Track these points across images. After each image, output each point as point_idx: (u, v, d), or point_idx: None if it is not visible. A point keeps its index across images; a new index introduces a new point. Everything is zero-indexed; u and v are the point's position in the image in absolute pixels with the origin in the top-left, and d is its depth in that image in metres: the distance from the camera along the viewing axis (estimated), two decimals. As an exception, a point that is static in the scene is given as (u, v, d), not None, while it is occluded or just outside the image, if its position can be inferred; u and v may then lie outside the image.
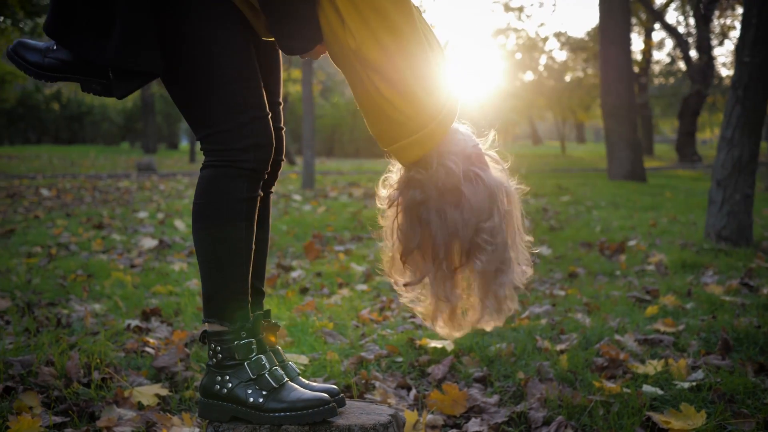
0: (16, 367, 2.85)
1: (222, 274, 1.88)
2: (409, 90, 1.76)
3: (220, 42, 1.82)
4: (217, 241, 1.87)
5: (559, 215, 8.80)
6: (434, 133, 1.80)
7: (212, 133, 1.85)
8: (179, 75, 1.85)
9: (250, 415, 1.87)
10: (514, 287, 1.88)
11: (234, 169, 1.85)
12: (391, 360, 3.17)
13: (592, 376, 2.94)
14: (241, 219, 1.87)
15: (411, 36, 1.76)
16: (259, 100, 1.88)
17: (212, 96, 1.83)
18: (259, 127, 1.87)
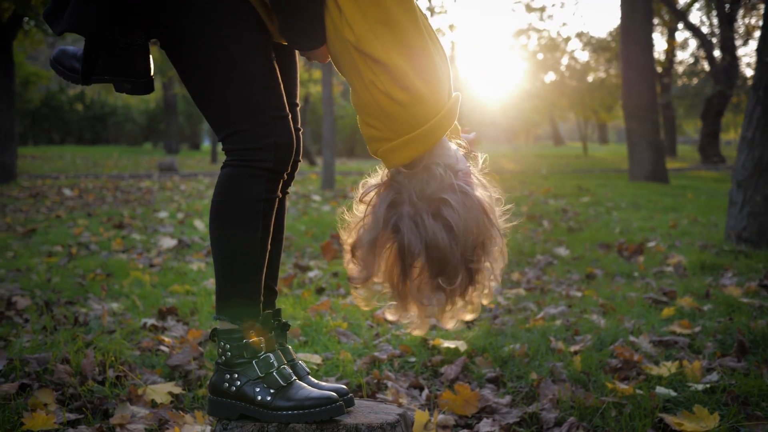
0: (33, 364, 2.88)
1: (235, 273, 1.90)
2: (409, 83, 1.73)
3: (240, 42, 1.84)
4: (233, 239, 1.88)
5: (578, 216, 8.76)
6: (430, 134, 1.77)
7: (232, 132, 1.87)
8: (199, 75, 1.87)
9: (258, 413, 1.88)
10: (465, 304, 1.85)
11: (253, 169, 1.86)
12: (404, 360, 3.17)
13: (605, 378, 2.93)
14: (258, 219, 1.88)
15: (411, 30, 1.76)
16: (278, 100, 1.89)
17: (232, 96, 1.85)
18: (279, 127, 1.88)
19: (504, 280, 5.17)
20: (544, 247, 6.41)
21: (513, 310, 4.20)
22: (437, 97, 1.78)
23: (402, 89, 1.73)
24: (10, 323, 3.77)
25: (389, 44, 1.73)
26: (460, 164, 1.85)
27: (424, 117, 1.76)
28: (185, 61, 1.87)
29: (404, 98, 1.73)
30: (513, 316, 3.96)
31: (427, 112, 1.76)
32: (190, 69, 1.87)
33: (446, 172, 1.80)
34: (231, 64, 1.84)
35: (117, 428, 2.43)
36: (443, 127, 1.80)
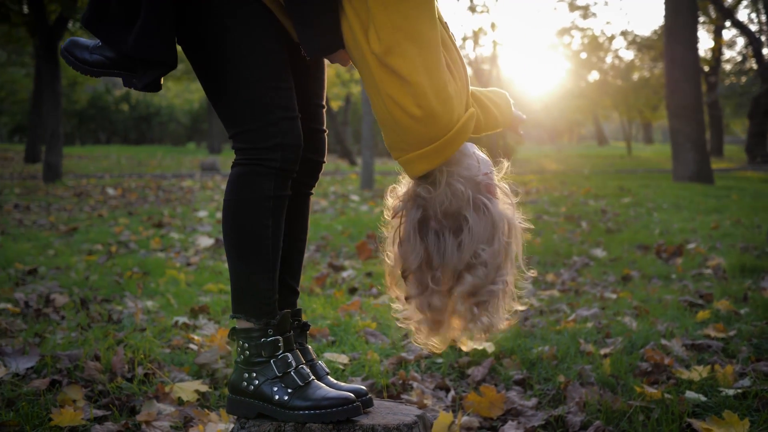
0: (64, 361, 2.93)
1: (248, 271, 1.91)
2: (426, 103, 1.74)
3: (251, 42, 1.85)
4: (243, 237, 1.90)
5: (618, 217, 8.66)
6: (444, 149, 1.80)
7: (241, 131, 1.89)
8: (211, 74, 1.89)
9: (275, 412, 1.89)
10: (495, 320, 1.87)
11: (261, 167, 1.88)
12: (431, 361, 3.17)
13: (635, 381, 2.89)
14: (268, 217, 1.89)
15: (434, 47, 1.76)
16: (287, 101, 1.90)
17: (241, 95, 1.87)
18: (287, 128, 1.89)
19: (538, 281, 5.13)
20: (580, 248, 6.35)
21: (545, 312, 4.16)
22: (450, 116, 1.79)
23: (418, 107, 1.75)
24: (47, 320, 3.84)
25: (415, 62, 1.74)
26: (480, 174, 1.87)
27: (436, 134, 1.79)
28: (199, 60, 1.89)
29: (419, 115, 1.75)
30: (544, 318, 3.92)
31: (439, 129, 1.79)
32: (203, 68, 1.89)
33: (467, 187, 1.82)
34: (242, 65, 1.85)
35: (143, 425, 2.46)
36: (456, 143, 1.82)
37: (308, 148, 2.05)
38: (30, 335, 3.46)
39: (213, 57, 1.88)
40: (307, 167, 2.07)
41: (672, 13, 15.12)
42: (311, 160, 2.08)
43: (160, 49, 1.80)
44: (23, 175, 16.18)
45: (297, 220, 2.09)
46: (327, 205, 10.12)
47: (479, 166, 1.88)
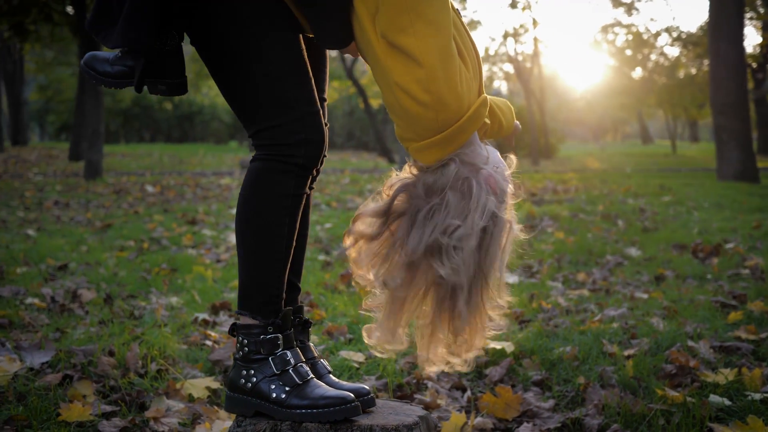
0: (79, 356, 2.93)
1: (258, 268, 1.88)
2: (435, 88, 1.69)
3: (270, 38, 1.82)
4: (258, 234, 1.87)
5: (656, 216, 8.48)
6: (456, 136, 1.75)
7: (263, 128, 1.85)
8: (230, 72, 1.85)
9: (272, 410, 1.85)
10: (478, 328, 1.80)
11: (283, 164, 1.85)
12: (449, 360, 3.10)
13: (657, 384, 2.80)
14: (285, 215, 1.86)
15: (446, 31, 1.71)
16: (309, 95, 1.87)
17: (263, 92, 1.84)
18: (311, 123, 1.86)
19: (569, 280, 5.03)
20: (615, 247, 6.22)
21: (572, 312, 4.07)
22: (460, 103, 1.74)
23: (426, 92, 1.70)
24: (72, 315, 3.86)
25: (428, 42, 1.69)
26: (486, 165, 1.80)
27: (445, 121, 1.73)
28: (216, 59, 1.86)
29: (428, 101, 1.70)
30: (569, 318, 3.84)
31: (449, 117, 1.73)
32: (222, 66, 1.86)
33: (461, 169, 1.74)
34: (262, 60, 1.82)
35: (151, 421, 2.44)
36: (467, 131, 1.77)
37: None
38: (51, 330, 3.48)
39: (229, 54, 1.84)
40: None
41: (716, 9, 14.81)
42: None
43: (143, 38, 1.76)
44: (66, 172, 16.42)
45: (300, 216, 2.05)
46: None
47: (488, 157, 1.82)
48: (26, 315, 3.72)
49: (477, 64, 1.83)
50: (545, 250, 6.11)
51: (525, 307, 4.08)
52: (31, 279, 4.82)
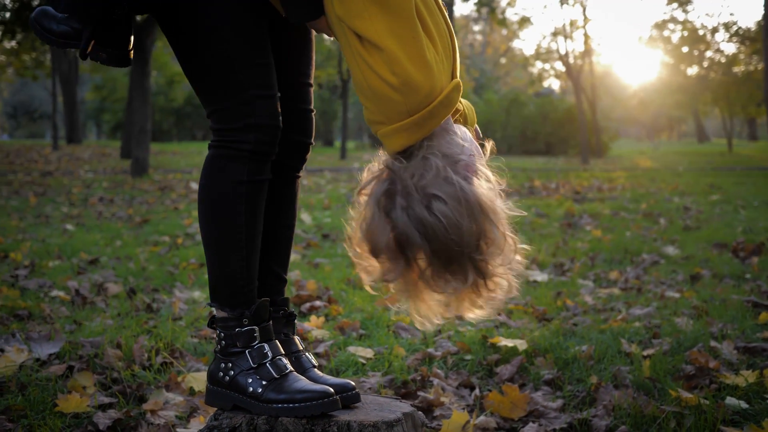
0: (86, 347, 2.94)
1: (221, 258, 1.84)
2: (401, 70, 1.63)
3: (225, 17, 1.77)
4: (215, 223, 1.83)
5: (700, 215, 8.26)
6: (425, 122, 1.68)
7: (215, 110, 1.82)
8: (185, 51, 1.82)
9: (249, 404, 1.81)
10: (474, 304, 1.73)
11: (232, 150, 1.80)
12: (460, 357, 3.04)
13: (672, 385, 2.69)
14: (240, 202, 1.81)
15: (404, 14, 1.64)
16: (264, 79, 1.81)
17: (213, 72, 1.79)
18: (261, 107, 1.80)
19: (600, 278, 4.91)
20: (652, 246, 6.06)
21: (598, 310, 3.96)
22: (431, 85, 1.66)
23: (393, 74, 1.64)
24: (93, 308, 3.88)
25: (380, 26, 1.63)
26: (463, 154, 1.73)
27: (416, 104, 1.66)
28: (172, 37, 1.82)
29: (395, 83, 1.64)
30: (591, 316, 3.73)
31: (420, 100, 1.66)
32: (178, 45, 1.82)
33: (444, 163, 1.67)
34: (214, 40, 1.77)
35: (147, 414, 2.42)
36: (438, 116, 1.70)
37: (294, 129, 1.96)
38: (68, 322, 3.50)
39: (186, 32, 1.80)
40: (293, 149, 1.98)
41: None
42: (297, 141, 1.99)
43: (91, 8, 1.73)
44: (115, 170, 16.68)
45: (282, 204, 2.00)
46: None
47: (464, 145, 1.74)
48: (47, 307, 3.75)
49: (450, 45, 1.76)
50: (580, 248, 5.98)
51: (548, 305, 3.98)
52: (62, 272, 4.88)
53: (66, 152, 23.58)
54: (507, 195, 1.78)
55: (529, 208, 8.72)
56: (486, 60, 46.70)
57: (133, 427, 2.35)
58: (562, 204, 9.23)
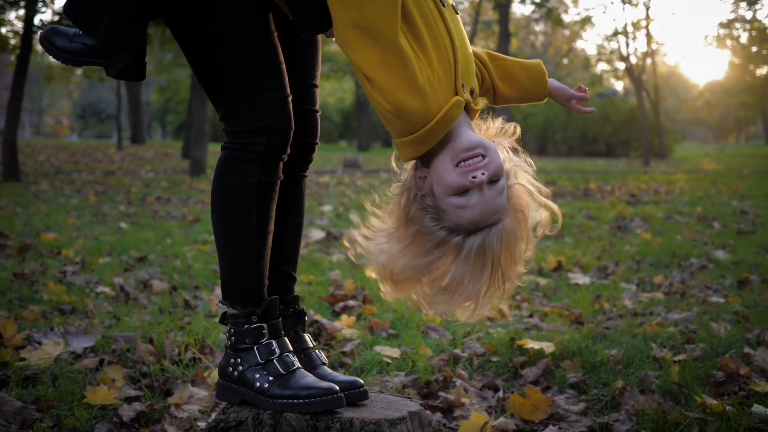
0: (119, 342, 3.02)
1: (232, 258, 1.88)
2: (393, 98, 1.71)
3: (235, 21, 1.81)
4: (227, 223, 1.87)
5: (757, 218, 8.05)
6: (425, 139, 1.76)
7: (227, 114, 1.86)
8: (197, 55, 1.86)
9: (255, 399, 1.85)
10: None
11: (246, 152, 1.84)
12: (486, 359, 3.03)
13: (699, 391, 2.65)
14: (252, 203, 1.85)
15: (390, 43, 1.68)
16: (276, 82, 1.85)
17: (226, 76, 1.83)
18: (274, 110, 1.84)
19: (644, 282, 4.84)
20: (702, 250, 5.94)
21: (638, 314, 3.90)
22: (425, 108, 1.73)
23: (386, 101, 1.72)
24: (135, 304, 3.98)
25: (370, 58, 1.69)
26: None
27: (413, 126, 1.75)
28: (185, 42, 1.87)
29: (391, 109, 1.73)
30: (627, 320, 3.68)
31: (416, 122, 1.75)
32: (190, 49, 1.87)
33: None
34: (227, 44, 1.81)
35: (172, 407, 2.49)
36: (438, 132, 1.77)
37: (300, 130, 1.99)
38: (109, 317, 3.60)
39: (198, 37, 1.85)
40: (300, 149, 2.02)
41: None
42: (303, 142, 2.02)
43: (130, 35, 1.79)
44: (175, 169, 17.01)
45: (290, 204, 2.04)
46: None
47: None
48: (90, 302, 3.86)
49: (451, 58, 1.78)
50: (627, 252, 5.90)
51: (585, 309, 3.94)
52: (110, 269, 5.01)
53: (129, 152, 24.13)
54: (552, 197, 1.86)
55: (580, 211, 8.63)
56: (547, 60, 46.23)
57: (157, 420, 2.41)
58: (614, 206, 9.10)
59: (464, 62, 1.83)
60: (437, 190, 1.79)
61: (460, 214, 1.76)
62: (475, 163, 1.75)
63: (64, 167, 17.32)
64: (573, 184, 13.14)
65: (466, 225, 1.77)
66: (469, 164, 1.75)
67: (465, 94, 1.81)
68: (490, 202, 1.76)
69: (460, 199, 1.76)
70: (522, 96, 2.08)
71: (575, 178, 14.78)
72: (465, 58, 1.84)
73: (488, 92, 2.05)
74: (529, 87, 2.06)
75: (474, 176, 1.74)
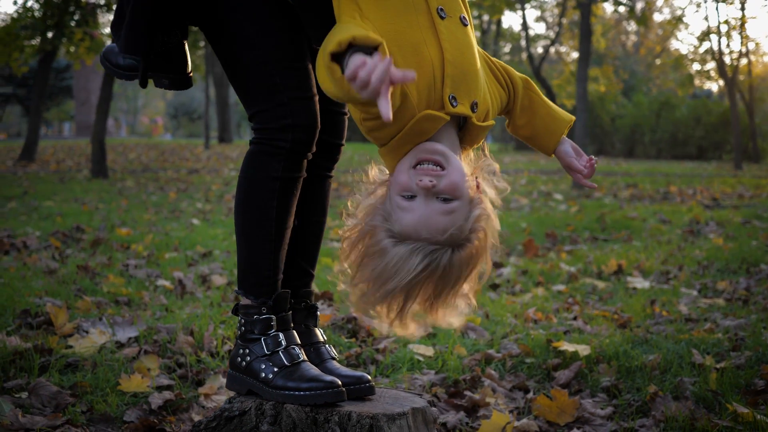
0: (162, 333, 3.12)
1: (250, 249, 1.94)
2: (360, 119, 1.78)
3: (257, 23, 1.89)
4: (247, 216, 1.94)
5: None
6: (396, 149, 1.77)
7: (255, 113, 1.93)
8: (226, 57, 1.94)
9: (260, 389, 1.90)
10: None
11: (270, 147, 1.90)
12: (520, 360, 3.01)
13: (736, 399, 2.57)
14: (273, 198, 1.91)
15: None
16: (300, 81, 1.90)
17: (251, 76, 1.91)
18: (299, 108, 1.89)
19: (706, 288, 4.70)
20: (775, 256, 5.73)
21: (692, 320, 3.80)
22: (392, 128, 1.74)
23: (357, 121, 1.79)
24: (191, 298, 4.10)
25: (321, 74, 1.71)
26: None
27: (383, 138, 1.77)
28: (216, 46, 1.95)
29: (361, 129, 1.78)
30: (677, 326, 3.58)
31: (384, 136, 1.77)
32: (219, 53, 1.94)
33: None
34: (249, 46, 1.89)
35: (201, 397, 2.56)
36: (406, 144, 1.76)
37: (325, 130, 2.04)
38: (161, 309, 3.72)
39: (225, 40, 1.92)
40: (324, 149, 2.06)
41: None
42: (328, 142, 2.07)
43: (142, 45, 1.87)
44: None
45: (312, 202, 2.09)
46: (525, 204, 9.92)
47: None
48: (146, 295, 3.99)
49: (433, 72, 1.75)
50: (695, 256, 5.73)
51: (635, 313, 3.86)
52: (175, 263, 5.16)
53: (216, 151, 24.70)
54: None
55: (653, 214, 8.43)
56: (638, 61, 45.21)
57: (185, 409, 2.48)
58: (691, 210, 8.85)
59: (460, 75, 1.77)
60: (391, 190, 1.77)
61: (399, 216, 1.71)
62: (428, 169, 1.71)
63: (152, 165, 17.88)
64: (654, 186, 12.83)
65: (400, 230, 1.71)
66: (423, 168, 1.72)
67: (458, 107, 1.77)
68: (431, 215, 1.69)
69: (405, 201, 1.72)
70: (529, 137, 2.02)
71: (658, 181, 14.42)
72: (462, 71, 1.78)
73: (510, 114, 2.01)
74: (539, 132, 2.00)
75: (421, 179, 1.70)
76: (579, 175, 1.97)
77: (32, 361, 2.72)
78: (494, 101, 1.90)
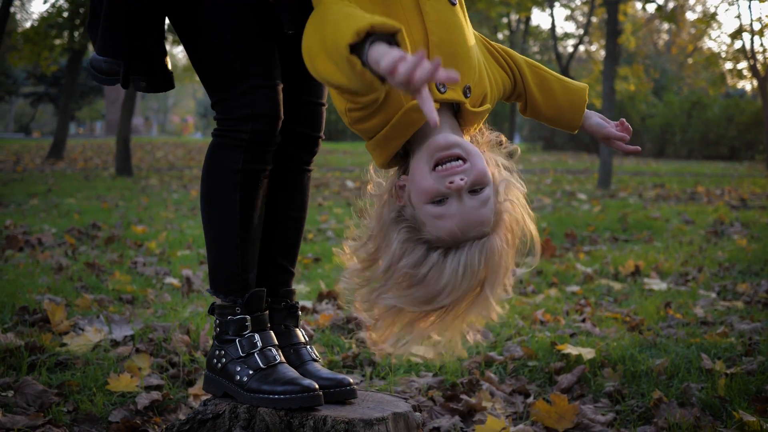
0: (158, 331, 3.08)
1: (216, 244, 1.88)
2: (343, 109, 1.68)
3: (222, 10, 1.82)
4: (211, 211, 1.88)
5: None
6: (384, 144, 1.69)
7: (216, 101, 1.87)
8: (189, 44, 1.89)
9: (235, 392, 1.84)
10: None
11: (230, 139, 1.84)
12: (522, 363, 2.92)
13: (743, 406, 2.47)
14: (234, 191, 1.84)
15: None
16: (262, 69, 1.84)
17: (213, 64, 1.86)
18: (260, 97, 1.82)
19: (726, 290, 4.57)
20: (801, 258, 5.57)
21: (707, 323, 3.68)
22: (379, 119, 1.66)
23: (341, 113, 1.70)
24: (197, 296, 4.06)
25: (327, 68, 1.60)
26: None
27: (369, 132, 1.69)
28: (178, 31, 1.89)
29: (345, 120, 1.70)
30: (690, 329, 3.47)
31: (370, 128, 1.68)
32: (182, 37, 1.88)
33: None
34: (212, 33, 1.83)
35: (190, 398, 2.51)
36: (395, 137, 1.68)
37: (301, 122, 1.97)
38: (165, 307, 3.68)
39: (189, 29, 1.87)
40: (301, 141, 1.99)
41: None
42: (306, 134, 2.00)
43: (116, 50, 1.82)
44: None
45: (289, 196, 2.02)
46: (548, 203, 9.79)
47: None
48: (152, 293, 3.96)
49: None
50: (717, 258, 5.58)
51: (649, 315, 3.75)
52: (186, 261, 5.13)
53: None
54: None
55: (677, 215, 8.27)
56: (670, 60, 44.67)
57: (173, 409, 2.43)
58: (717, 211, 8.67)
59: (448, 58, 1.67)
60: (414, 199, 1.64)
61: (438, 226, 1.61)
62: (453, 167, 1.60)
63: (178, 164, 17.96)
64: (681, 186, 12.63)
65: (444, 238, 1.61)
66: (446, 168, 1.60)
67: (447, 93, 1.67)
68: (471, 212, 1.60)
69: (438, 207, 1.60)
70: (554, 116, 1.92)
71: (686, 181, 14.19)
72: (451, 53, 1.69)
73: (520, 98, 1.91)
74: (563, 109, 1.91)
75: (451, 181, 1.59)
76: (620, 143, 1.89)
77: (22, 359, 2.69)
78: (494, 84, 1.81)
